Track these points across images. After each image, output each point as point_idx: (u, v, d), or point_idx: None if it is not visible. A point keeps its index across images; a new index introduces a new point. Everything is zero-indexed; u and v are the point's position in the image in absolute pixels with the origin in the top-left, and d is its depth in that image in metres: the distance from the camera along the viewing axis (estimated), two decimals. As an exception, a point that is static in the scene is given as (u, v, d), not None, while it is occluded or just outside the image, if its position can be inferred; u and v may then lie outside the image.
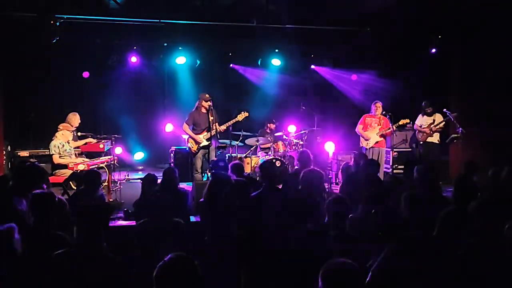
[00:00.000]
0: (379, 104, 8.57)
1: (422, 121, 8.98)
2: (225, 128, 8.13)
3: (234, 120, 8.15)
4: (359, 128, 8.63)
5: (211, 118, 7.84)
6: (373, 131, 8.50)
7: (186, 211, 4.84)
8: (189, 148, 8.11)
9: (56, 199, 3.70)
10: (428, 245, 3.08)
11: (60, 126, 7.45)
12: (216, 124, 7.93)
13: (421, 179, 4.70)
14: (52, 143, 7.26)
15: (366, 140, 8.50)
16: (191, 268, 2.33)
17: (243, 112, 8.24)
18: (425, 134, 8.86)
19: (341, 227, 3.50)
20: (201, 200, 4.58)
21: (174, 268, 2.31)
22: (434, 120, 8.85)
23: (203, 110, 7.98)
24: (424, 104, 8.96)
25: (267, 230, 3.86)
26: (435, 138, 8.86)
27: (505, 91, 8.53)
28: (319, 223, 3.70)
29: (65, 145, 7.30)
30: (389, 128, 8.38)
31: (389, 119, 8.49)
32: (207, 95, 8.01)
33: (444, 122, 8.77)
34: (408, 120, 8.59)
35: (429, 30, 9.02)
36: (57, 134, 7.38)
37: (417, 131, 9.08)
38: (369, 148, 8.46)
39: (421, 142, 8.94)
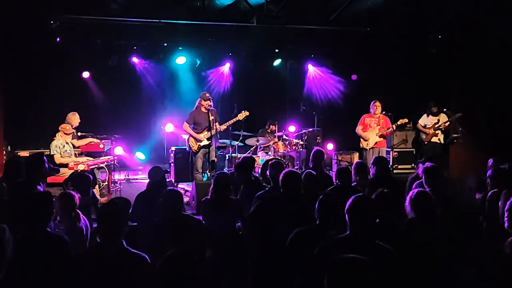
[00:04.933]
0: (378, 104, 8.55)
1: (426, 121, 8.90)
2: (225, 127, 8.11)
3: (235, 119, 8.14)
4: (358, 129, 8.62)
5: (211, 117, 7.83)
6: (372, 132, 8.49)
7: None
8: (190, 147, 8.10)
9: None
10: None
11: (60, 127, 7.47)
12: (217, 123, 7.92)
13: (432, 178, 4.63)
14: (53, 143, 7.26)
15: (366, 141, 8.49)
16: (191, 264, 2.34)
17: (243, 111, 8.22)
18: (429, 134, 8.81)
19: None
20: (204, 198, 4.56)
21: (175, 264, 2.32)
22: (438, 120, 8.76)
23: (203, 110, 7.96)
24: (429, 104, 8.89)
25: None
26: (438, 138, 8.78)
27: (505, 91, 8.53)
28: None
29: (65, 146, 7.31)
30: (389, 128, 8.38)
31: (389, 119, 8.50)
32: (207, 94, 8.00)
33: (449, 122, 8.66)
34: (406, 120, 8.57)
35: (429, 29, 9.02)
36: (57, 134, 7.40)
37: (420, 131, 9.03)
38: (369, 149, 8.46)
39: (426, 142, 8.86)
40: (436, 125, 8.75)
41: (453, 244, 3.38)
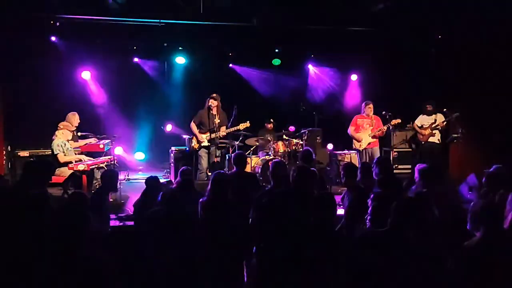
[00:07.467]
0: (371, 105, 8.51)
1: (423, 120, 8.86)
2: (225, 134, 8.15)
3: (234, 128, 8.18)
4: (350, 129, 8.59)
5: (217, 120, 7.84)
6: (365, 133, 8.46)
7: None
8: (191, 146, 8.14)
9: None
10: None
11: (61, 125, 7.42)
12: (223, 127, 7.98)
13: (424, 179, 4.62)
14: (55, 142, 7.21)
15: (359, 142, 8.48)
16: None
17: (245, 122, 8.23)
18: (425, 134, 8.80)
19: None
20: (201, 200, 4.53)
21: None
22: (435, 120, 8.70)
23: (210, 110, 8.02)
24: (425, 104, 8.87)
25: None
26: (436, 138, 8.72)
27: (506, 91, 8.53)
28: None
29: (66, 144, 7.29)
30: (380, 129, 8.36)
31: (381, 119, 8.48)
32: (213, 94, 8.05)
33: (446, 122, 8.60)
34: (399, 120, 8.49)
35: (429, 29, 9.02)
36: (57, 133, 7.32)
37: (417, 131, 9.02)
38: (362, 149, 8.44)
39: (423, 143, 8.81)
40: (433, 125, 8.71)
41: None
